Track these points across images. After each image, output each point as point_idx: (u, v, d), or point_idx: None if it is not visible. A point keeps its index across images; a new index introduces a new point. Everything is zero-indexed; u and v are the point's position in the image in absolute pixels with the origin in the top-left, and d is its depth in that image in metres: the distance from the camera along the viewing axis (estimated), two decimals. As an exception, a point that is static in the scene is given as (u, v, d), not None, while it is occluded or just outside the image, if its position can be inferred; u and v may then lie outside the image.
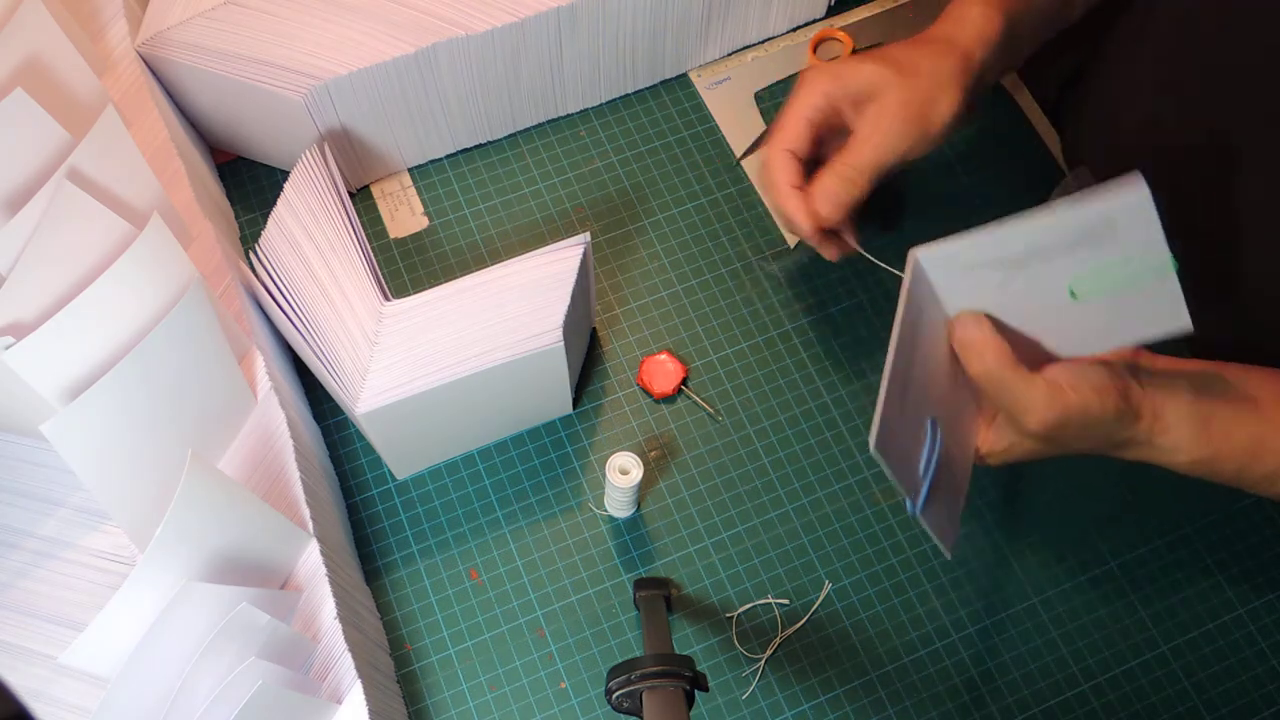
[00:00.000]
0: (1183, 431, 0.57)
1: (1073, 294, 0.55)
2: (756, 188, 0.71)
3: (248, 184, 0.81)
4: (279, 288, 0.66)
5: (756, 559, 0.70)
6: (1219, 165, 0.66)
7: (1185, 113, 0.68)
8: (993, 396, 0.57)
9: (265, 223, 0.68)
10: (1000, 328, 0.56)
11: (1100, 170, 0.77)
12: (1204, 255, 0.69)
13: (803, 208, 0.65)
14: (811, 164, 0.68)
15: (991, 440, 0.59)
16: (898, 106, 0.64)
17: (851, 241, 0.68)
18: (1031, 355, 0.57)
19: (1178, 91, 0.68)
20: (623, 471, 0.66)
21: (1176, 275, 0.54)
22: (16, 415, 0.60)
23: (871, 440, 0.51)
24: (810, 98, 0.65)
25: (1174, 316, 0.55)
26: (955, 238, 0.55)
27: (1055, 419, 0.55)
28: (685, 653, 0.67)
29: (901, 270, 0.56)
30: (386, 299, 0.66)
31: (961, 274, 0.56)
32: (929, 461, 0.55)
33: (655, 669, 0.55)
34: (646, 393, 0.75)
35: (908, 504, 0.54)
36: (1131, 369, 0.57)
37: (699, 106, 0.85)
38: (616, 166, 0.82)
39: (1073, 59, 0.80)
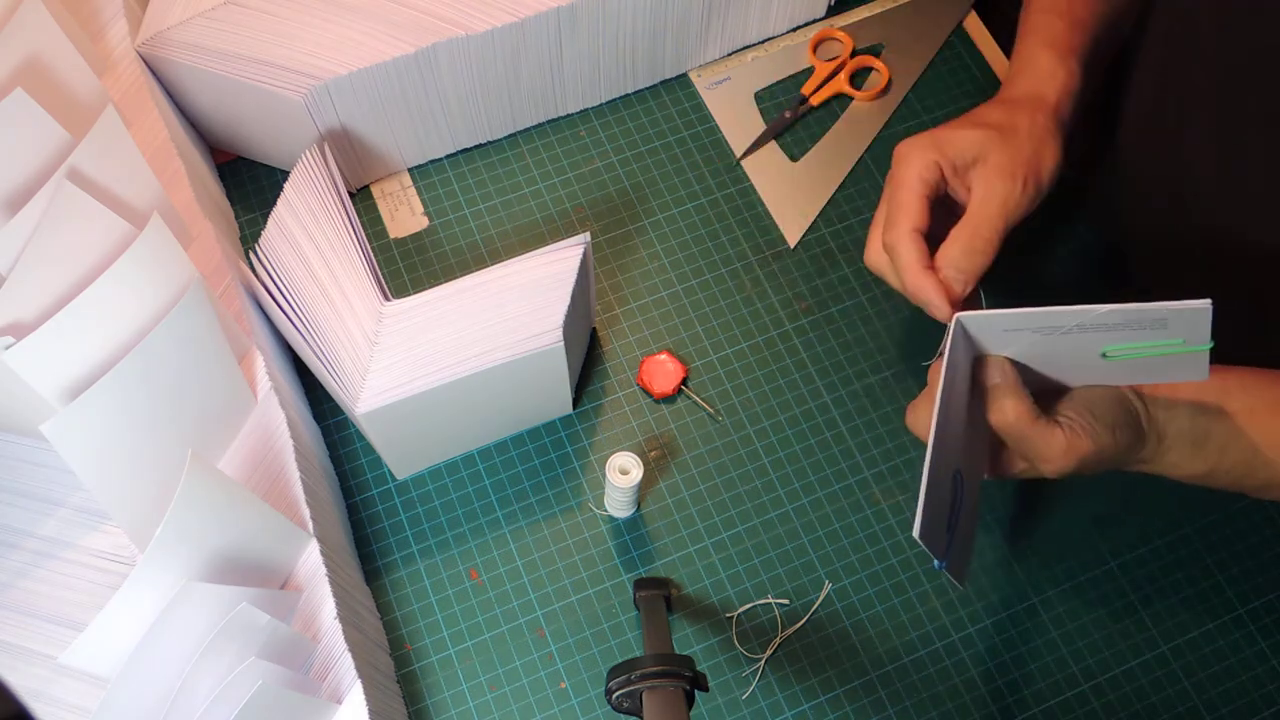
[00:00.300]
0: (1183, 451, 0.59)
1: (1105, 355, 0.56)
2: (879, 271, 0.65)
3: (248, 184, 0.81)
4: (279, 288, 0.66)
5: (756, 559, 0.70)
6: (1220, 164, 0.66)
7: (1186, 111, 0.68)
8: (1012, 445, 0.58)
9: (265, 223, 0.68)
10: (1023, 368, 0.58)
11: (1101, 169, 0.77)
12: (1206, 252, 0.69)
13: (941, 291, 0.60)
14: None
15: (1006, 465, 0.60)
16: (1010, 167, 0.62)
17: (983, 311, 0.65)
18: (1046, 379, 0.58)
19: (1178, 90, 0.68)
20: (623, 471, 0.66)
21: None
22: (16, 415, 0.60)
23: (915, 528, 0.51)
24: (921, 170, 0.62)
25: (1195, 370, 0.56)
26: (1002, 310, 0.55)
27: (1072, 468, 0.57)
28: (685, 653, 0.67)
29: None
30: (386, 299, 0.66)
31: (1000, 333, 0.57)
32: (954, 515, 0.56)
33: (655, 669, 0.55)
34: (646, 393, 0.75)
35: (935, 563, 0.54)
36: (1139, 394, 0.59)
37: (699, 106, 0.85)
38: (616, 166, 0.82)
39: None
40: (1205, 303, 0.52)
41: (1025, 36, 0.68)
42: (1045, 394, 0.58)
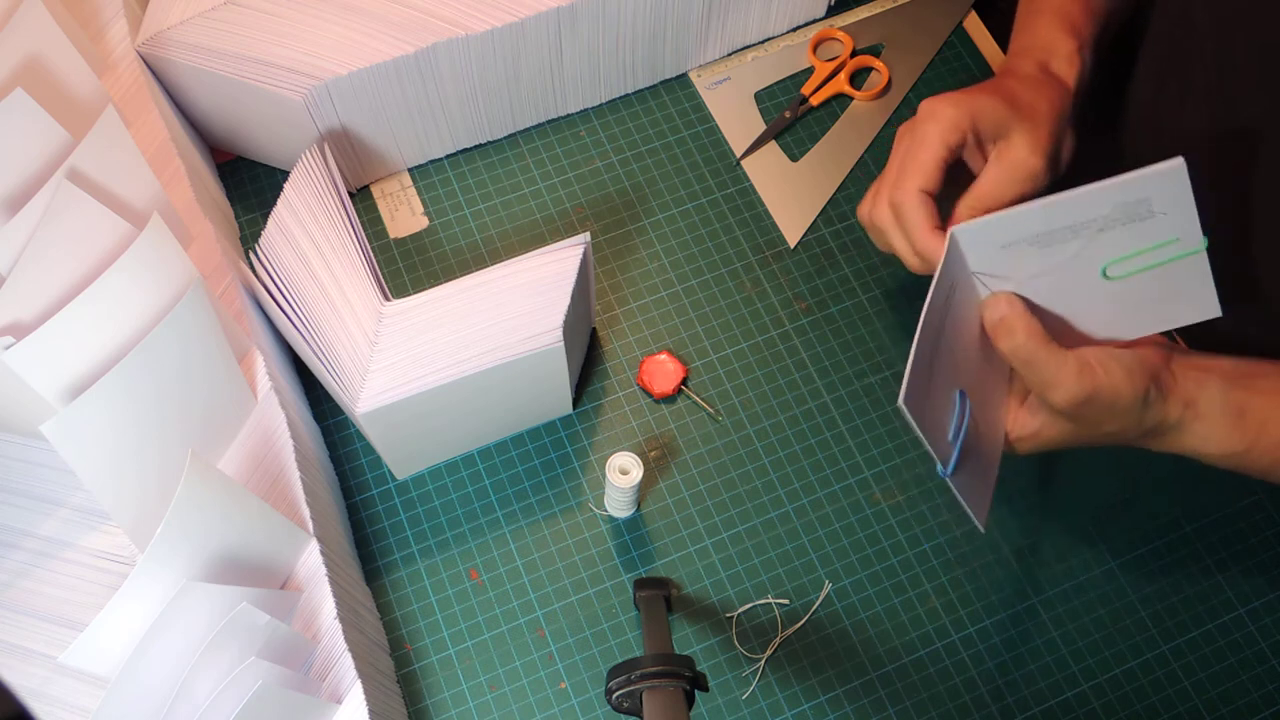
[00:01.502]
0: (1215, 421, 0.57)
1: (1105, 274, 0.56)
2: (876, 226, 0.64)
3: (248, 184, 0.81)
4: (279, 288, 0.66)
5: (756, 559, 0.70)
6: (1222, 155, 0.66)
7: (1187, 103, 0.68)
8: (1023, 372, 0.57)
9: (265, 223, 0.68)
10: (1032, 308, 0.57)
11: (1099, 165, 0.77)
12: (1210, 245, 0.69)
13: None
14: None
15: (1022, 423, 0.59)
16: (1034, 150, 0.62)
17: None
18: (1063, 337, 0.58)
19: (1179, 82, 0.68)
20: (623, 471, 0.66)
21: (1208, 259, 0.56)
22: (16, 415, 0.60)
23: (901, 395, 0.51)
24: (947, 133, 0.61)
25: (1205, 303, 0.57)
26: (994, 215, 0.55)
27: (1084, 395, 0.55)
28: (685, 653, 0.67)
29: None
30: (386, 299, 0.66)
31: (997, 251, 0.56)
32: (958, 429, 0.56)
33: (655, 669, 0.55)
34: (646, 393, 0.75)
35: (939, 468, 0.55)
36: (1165, 357, 0.57)
37: (699, 106, 0.85)
38: (616, 166, 0.82)
39: None
40: (1177, 161, 0.53)
41: (1041, 14, 0.67)
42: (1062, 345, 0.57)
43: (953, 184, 0.62)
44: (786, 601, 0.69)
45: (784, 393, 0.75)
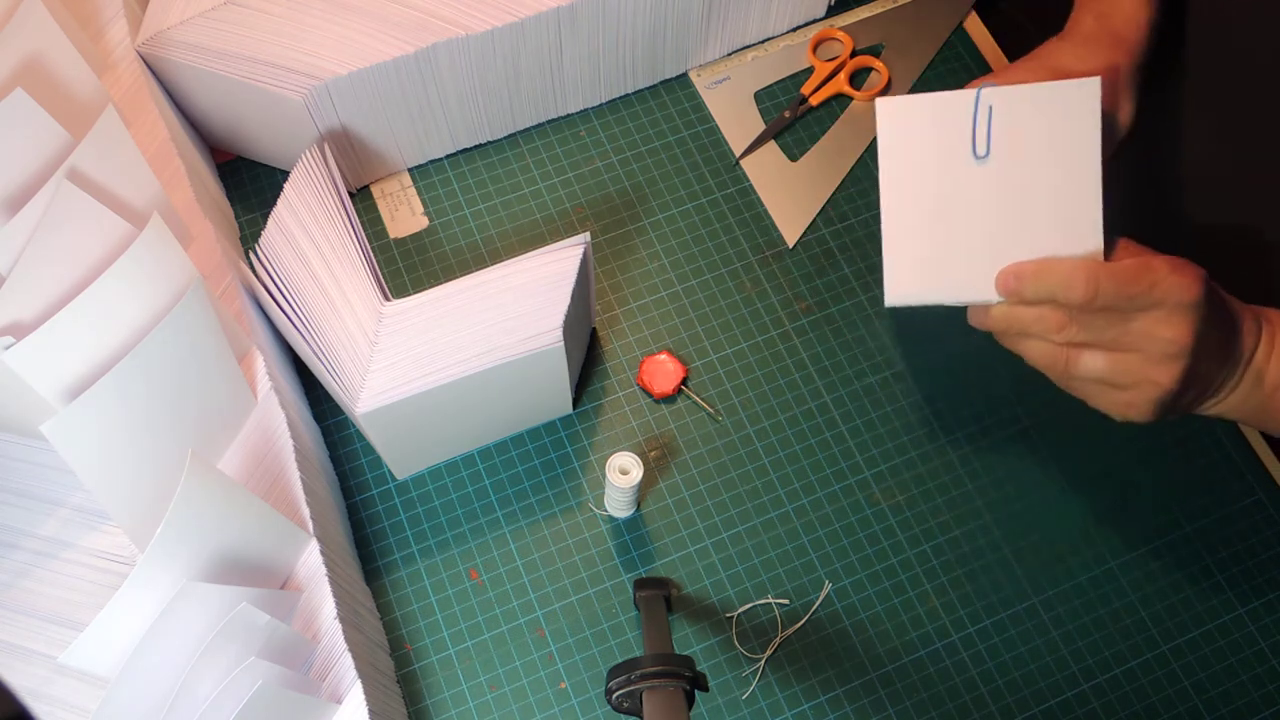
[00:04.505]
0: None
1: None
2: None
3: (248, 184, 0.81)
4: (279, 288, 0.66)
5: (756, 559, 0.70)
6: (1239, 171, 0.66)
7: (1210, 111, 0.67)
8: (1080, 290, 0.55)
9: (265, 223, 0.68)
10: None
11: (1121, 183, 0.77)
12: (1230, 261, 0.69)
13: None
14: None
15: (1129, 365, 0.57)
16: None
17: None
18: None
19: (1209, 92, 0.68)
20: (623, 471, 0.66)
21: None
22: (16, 415, 0.60)
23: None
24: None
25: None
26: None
27: (1139, 256, 0.56)
28: (685, 653, 0.67)
29: None
30: (386, 299, 0.66)
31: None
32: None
33: (655, 669, 0.55)
34: (646, 393, 0.75)
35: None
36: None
37: (699, 106, 0.85)
38: (616, 166, 0.82)
39: None
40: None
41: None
42: None
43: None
44: (786, 601, 0.69)
45: (784, 393, 0.75)
